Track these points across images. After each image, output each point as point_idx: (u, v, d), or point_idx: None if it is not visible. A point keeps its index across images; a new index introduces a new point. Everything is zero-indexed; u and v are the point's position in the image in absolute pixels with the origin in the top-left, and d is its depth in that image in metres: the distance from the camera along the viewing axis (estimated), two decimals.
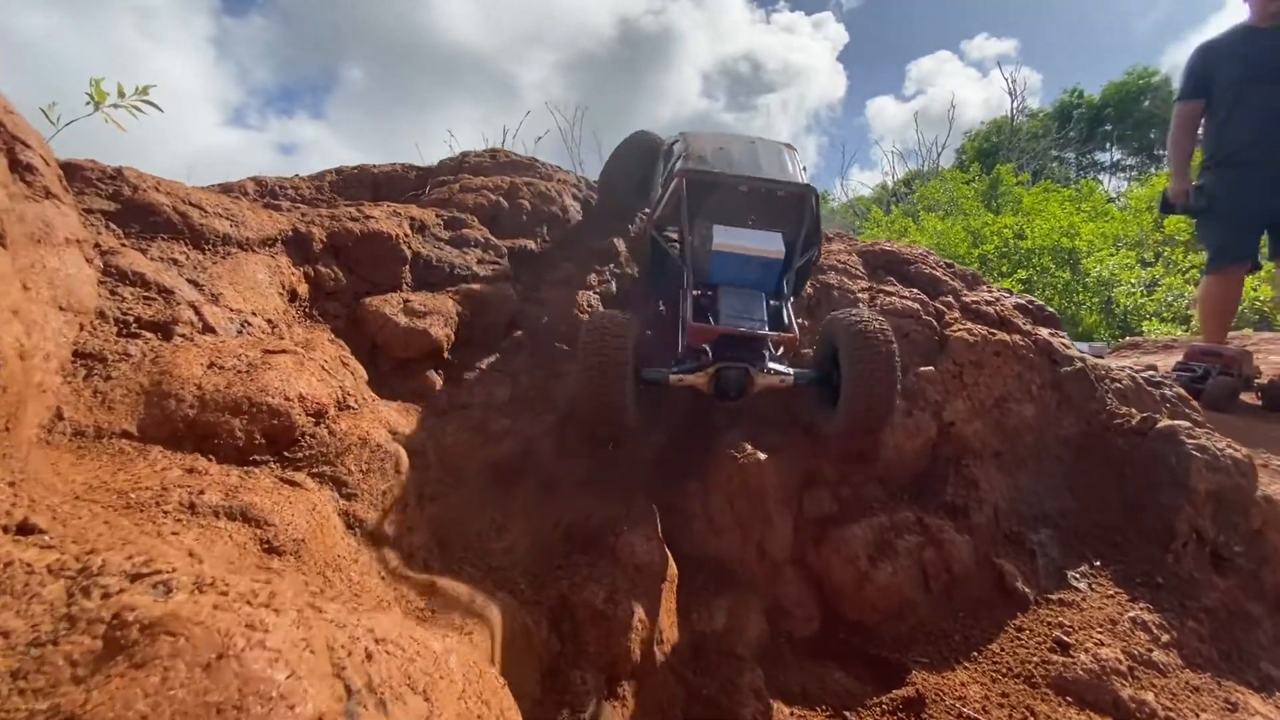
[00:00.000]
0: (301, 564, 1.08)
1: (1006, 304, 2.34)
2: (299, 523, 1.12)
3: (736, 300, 1.91)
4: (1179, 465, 1.88)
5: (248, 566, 0.99)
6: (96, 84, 2.17)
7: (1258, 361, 5.54)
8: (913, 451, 1.99)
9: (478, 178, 2.72)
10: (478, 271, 2.24)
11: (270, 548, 1.05)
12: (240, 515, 1.07)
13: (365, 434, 1.43)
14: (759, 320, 1.86)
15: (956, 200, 14.16)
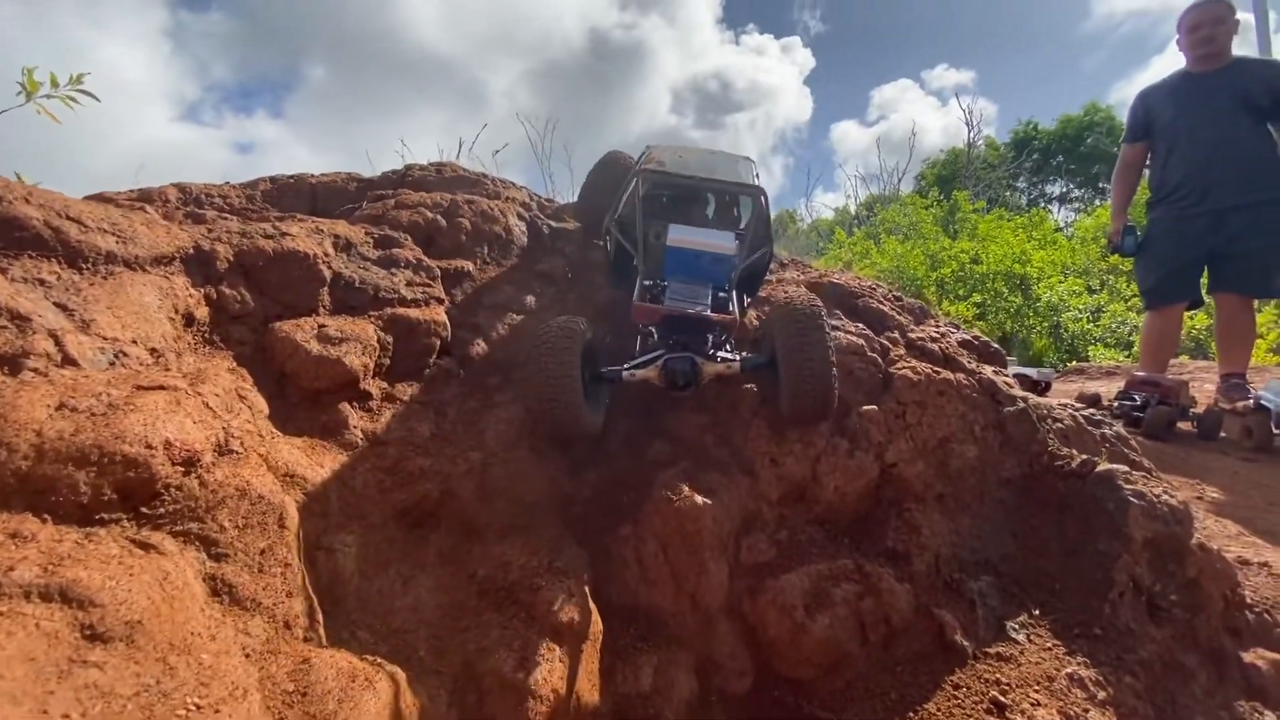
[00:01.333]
0: (135, 651, 0.92)
1: (952, 340, 2.32)
2: (137, 599, 0.97)
3: (683, 287, 2.00)
4: (1117, 511, 1.86)
5: (55, 663, 0.83)
6: (29, 73, 2.02)
7: (1193, 391, 5.76)
8: (854, 493, 1.93)
9: (416, 194, 2.58)
10: (406, 295, 2.10)
11: (93, 634, 0.90)
12: (59, 595, 0.91)
13: (245, 483, 1.28)
14: (703, 304, 1.93)
15: (916, 224, 14.55)
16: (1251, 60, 4.19)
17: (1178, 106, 4.18)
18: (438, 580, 1.56)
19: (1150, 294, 4.58)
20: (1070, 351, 11.60)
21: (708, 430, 2.09)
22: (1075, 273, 12.44)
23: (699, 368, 1.91)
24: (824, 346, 1.78)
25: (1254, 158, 4.01)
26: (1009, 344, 12.47)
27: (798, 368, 1.77)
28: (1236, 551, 2.51)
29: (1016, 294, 12.44)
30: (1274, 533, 3.04)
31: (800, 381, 1.78)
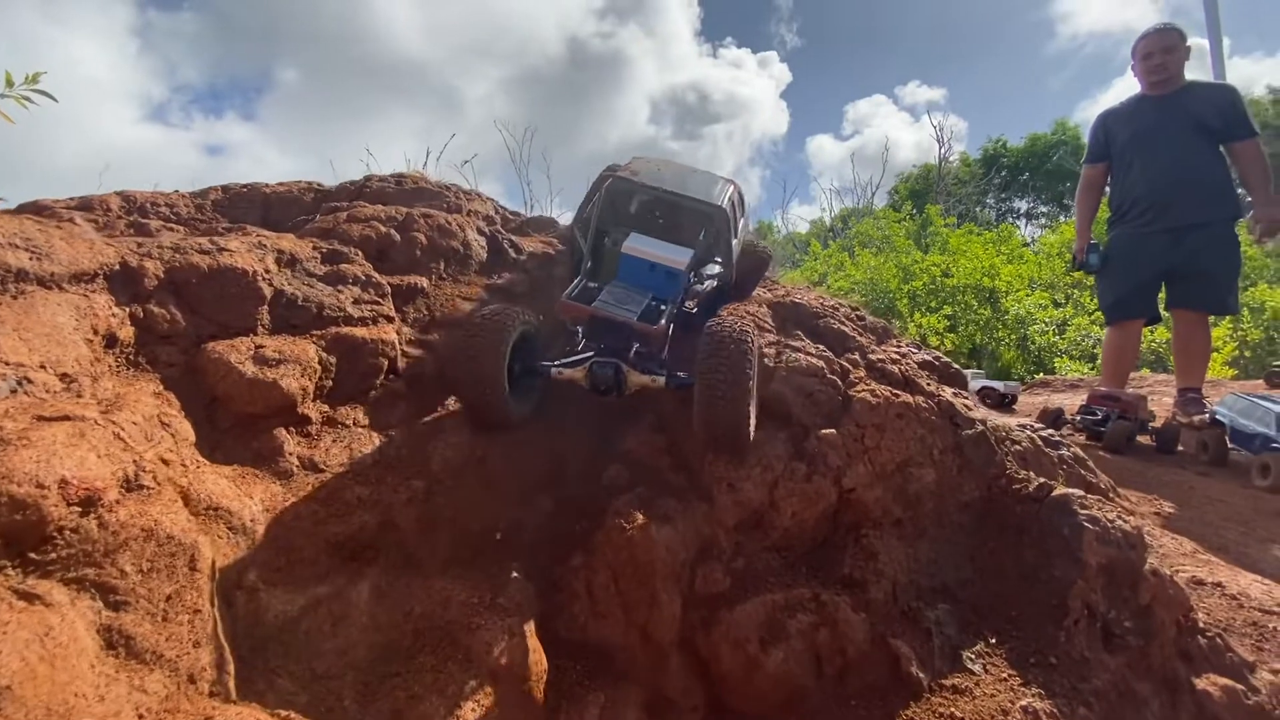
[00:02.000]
0: None
1: (912, 362, 2.31)
2: (7, 660, 0.88)
3: (620, 293, 1.99)
4: (1072, 537, 1.85)
5: None
6: None
7: (1153, 404, 5.90)
8: (812, 519, 1.89)
9: (371, 207, 2.50)
10: (352, 313, 2.02)
11: None
12: None
13: (153, 523, 1.19)
14: (632, 311, 1.92)
15: (889, 238, 14.81)
16: (1203, 84, 4.32)
17: (1135, 129, 4.30)
18: (372, 619, 1.47)
19: (1110, 310, 4.68)
20: (1037, 363, 11.87)
21: (665, 453, 2.04)
22: (1042, 286, 12.76)
23: (624, 375, 1.89)
24: (739, 375, 1.70)
25: (1207, 179, 4.13)
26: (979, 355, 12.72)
27: (709, 396, 1.71)
28: (1191, 571, 2.54)
29: (986, 307, 12.72)
30: (1228, 549, 3.09)
31: (709, 409, 1.72)
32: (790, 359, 2.13)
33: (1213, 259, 4.22)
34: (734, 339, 1.74)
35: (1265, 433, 4.24)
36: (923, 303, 12.88)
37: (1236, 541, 3.19)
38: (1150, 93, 4.27)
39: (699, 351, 1.77)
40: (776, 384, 2.06)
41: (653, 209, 2.22)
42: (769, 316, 2.37)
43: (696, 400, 1.74)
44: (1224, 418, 4.55)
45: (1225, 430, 4.48)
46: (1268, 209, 4.07)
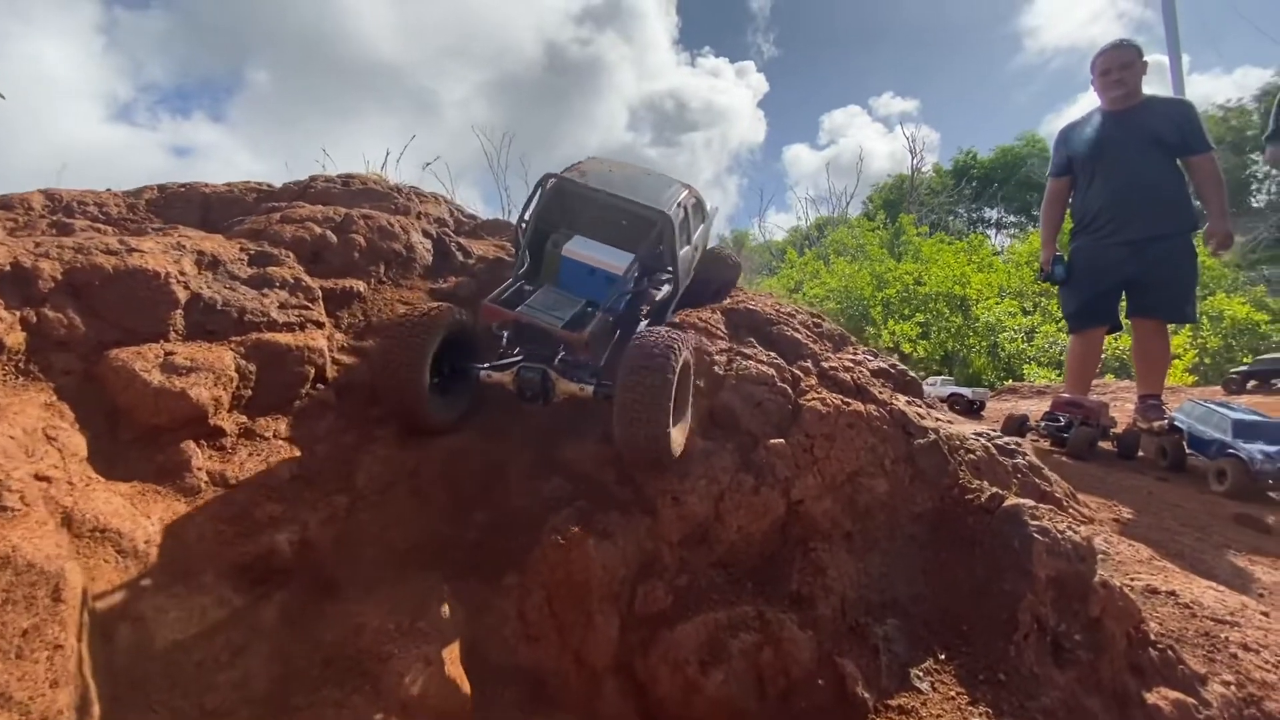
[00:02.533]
0: None
1: (866, 369, 2.27)
2: None
3: (550, 297, 1.93)
4: (1022, 549, 1.81)
5: None
6: None
7: (1115, 410, 5.99)
8: (759, 533, 1.82)
9: (306, 207, 2.39)
10: (277, 318, 1.91)
11: None
12: None
13: (10, 549, 1.07)
14: (557, 317, 1.85)
15: (863, 246, 14.98)
16: (1161, 99, 4.40)
17: (1095, 143, 4.37)
18: (276, 648, 1.36)
19: (1073, 319, 4.73)
20: (1007, 370, 12.06)
21: (611, 464, 1.95)
22: (1011, 295, 12.98)
23: (551, 382, 1.85)
24: (659, 392, 1.63)
25: (1165, 192, 4.21)
26: (951, 362, 12.89)
27: (627, 411, 1.65)
28: (1146, 579, 2.52)
29: (957, 314, 12.90)
30: (1184, 555, 3.10)
31: (626, 424, 1.66)
32: (740, 367, 2.07)
33: (1170, 269, 4.29)
34: (658, 353, 1.67)
35: (1221, 439, 4.30)
36: (896, 310, 13.03)
37: (1192, 547, 3.21)
38: (1109, 108, 4.34)
39: (621, 365, 1.71)
40: (725, 393, 2.00)
41: (600, 212, 2.15)
42: (721, 323, 2.31)
43: (615, 414, 1.69)
44: (1182, 424, 4.62)
45: (1184, 436, 4.55)
46: (1222, 223, 4.16)
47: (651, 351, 1.67)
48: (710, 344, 2.17)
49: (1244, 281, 13.66)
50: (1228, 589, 2.62)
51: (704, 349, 2.15)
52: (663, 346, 1.69)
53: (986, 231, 22.99)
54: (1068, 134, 4.55)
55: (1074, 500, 3.43)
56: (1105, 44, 4.34)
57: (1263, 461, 3.94)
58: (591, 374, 1.92)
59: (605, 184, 2.15)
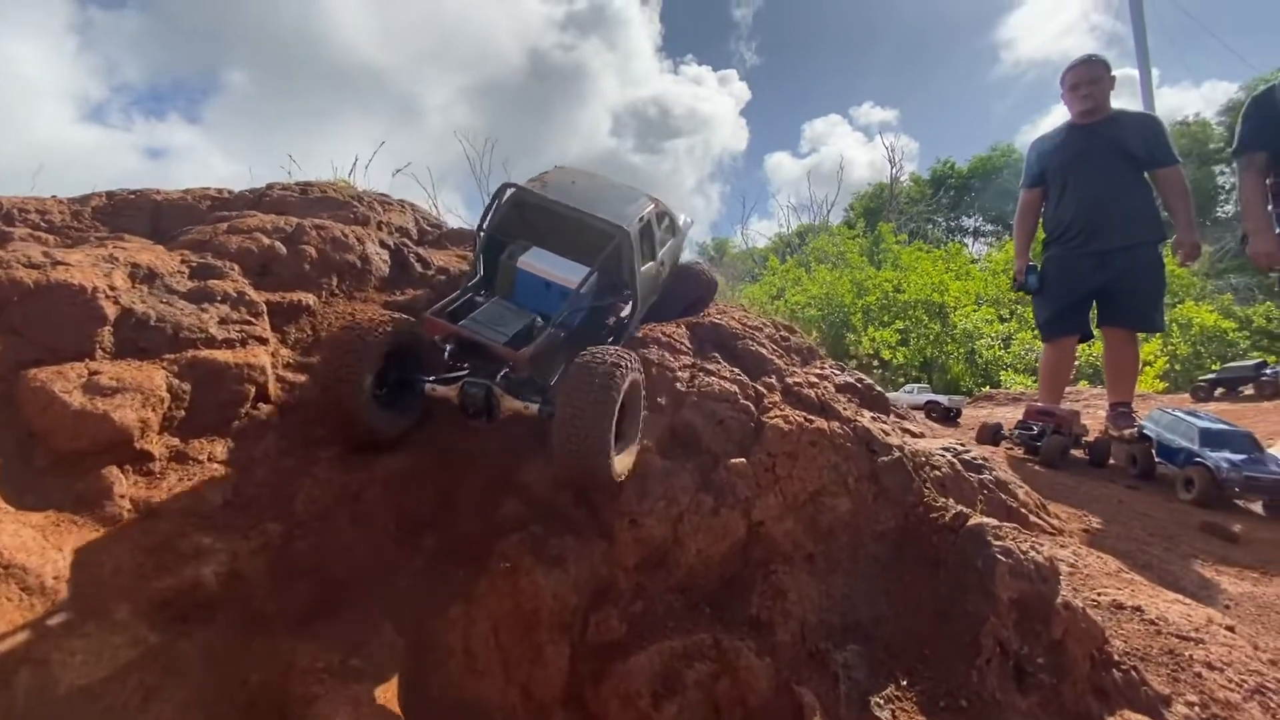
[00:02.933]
0: None
1: (831, 385, 2.23)
2: None
3: (495, 312, 1.89)
4: (985, 569, 1.77)
5: None
6: None
7: (1087, 418, 6.05)
8: (719, 556, 1.77)
9: (256, 216, 2.30)
10: (215, 334, 1.82)
11: None
12: None
13: None
14: (501, 333, 1.81)
15: (843, 254, 15.09)
16: (1129, 114, 4.47)
17: (1065, 156, 4.44)
18: (195, 690, 1.27)
19: (1045, 327, 4.79)
20: (984, 376, 12.20)
21: (565, 486, 1.89)
22: (988, 302, 13.15)
23: (496, 399, 1.79)
24: (599, 412, 1.58)
25: (1133, 204, 4.28)
26: (930, 368, 13.01)
27: (563, 428, 1.60)
28: (1113, 594, 2.51)
29: (936, 321, 13.04)
30: (1152, 566, 3.10)
31: (563, 442, 1.60)
32: (703, 383, 2.02)
33: (1139, 279, 4.36)
34: (601, 372, 1.61)
35: (1189, 447, 4.35)
36: (876, 317, 13.13)
37: (1160, 558, 3.22)
38: (1079, 121, 4.41)
39: (563, 384, 1.66)
40: (687, 410, 1.95)
41: (559, 225, 2.10)
42: (686, 338, 2.26)
43: (553, 434, 1.62)
44: (1151, 432, 4.66)
45: (1152, 444, 4.59)
46: (1189, 234, 4.24)
47: (595, 370, 1.61)
48: (673, 359, 2.12)
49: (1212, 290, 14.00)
50: (1194, 601, 2.62)
51: (666, 365, 2.10)
52: (608, 365, 1.63)
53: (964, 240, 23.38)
54: (1040, 146, 4.62)
55: (1044, 511, 3.42)
56: (1074, 59, 4.41)
57: (1228, 470, 3.98)
58: (538, 391, 1.87)
59: (565, 196, 2.09)
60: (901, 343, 12.72)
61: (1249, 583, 3.05)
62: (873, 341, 12.65)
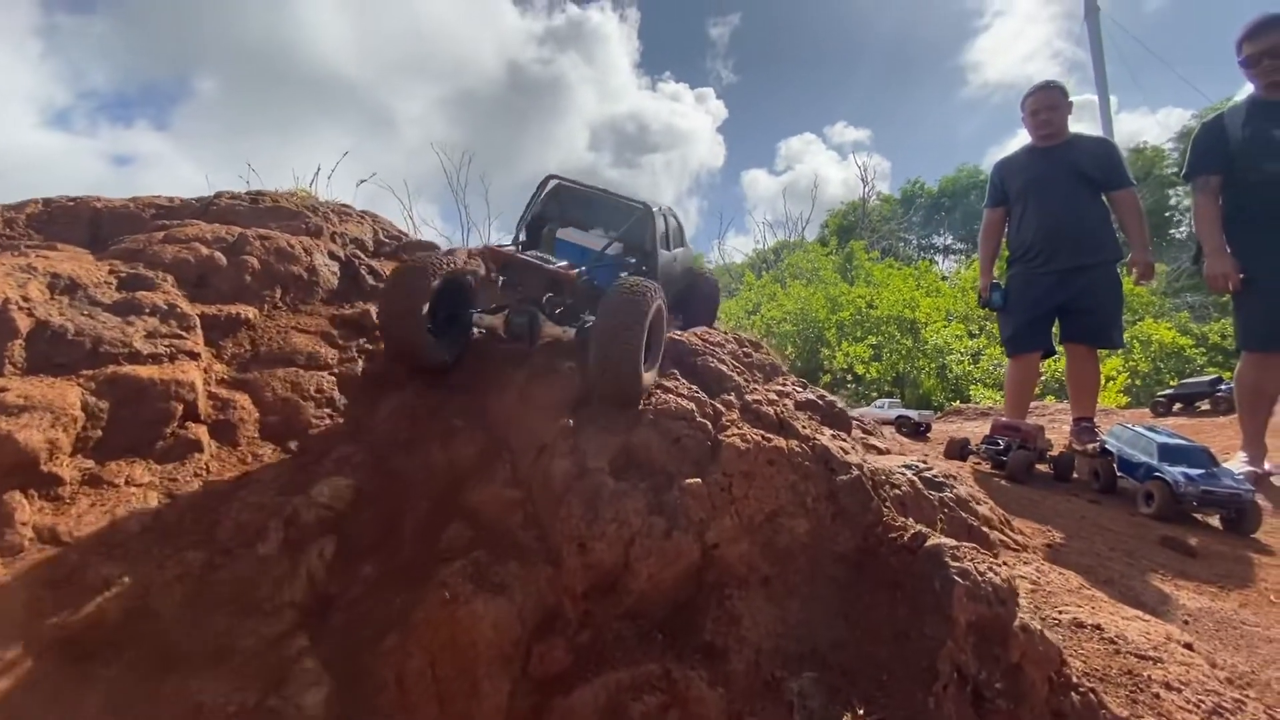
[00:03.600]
0: None
1: (791, 402, 2.20)
2: None
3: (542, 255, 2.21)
4: (943, 591, 1.74)
5: None
6: None
7: (1052, 432, 6.15)
8: (671, 580, 1.70)
9: (196, 225, 2.20)
10: (141, 348, 1.71)
11: None
12: None
13: None
14: (550, 262, 2.13)
15: (818, 270, 15.29)
16: (1086, 137, 4.62)
17: (1026, 178, 4.57)
18: None
19: (1009, 343, 4.88)
20: (955, 391, 12.38)
21: (518, 507, 1.82)
22: (958, 318, 13.40)
23: (539, 324, 2.08)
24: (631, 327, 1.82)
25: (1090, 225, 4.42)
26: (902, 383, 13.17)
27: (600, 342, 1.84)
28: (1073, 612, 2.50)
29: (908, 337, 13.23)
30: (1113, 582, 3.12)
31: (600, 349, 1.83)
32: (660, 401, 1.97)
33: (1097, 298, 4.48)
34: (633, 296, 1.88)
35: (1148, 462, 4.42)
36: (849, 332, 13.28)
37: (1122, 573, 3.24)
38: (1039, 144, 4.55)
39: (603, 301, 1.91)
40: (642, 429, 1.89)
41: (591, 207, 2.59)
42: None
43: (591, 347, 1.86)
44: (1112, 447, 4.74)
45: (1114, 459, 4.67)
46: (1143, 254, 4.38)
47: (630, 291, 1.89)
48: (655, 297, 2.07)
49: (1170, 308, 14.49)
50: (1153, 618, 2.63)
51: None
52: (641, 289, 1.91)
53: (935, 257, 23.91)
54: (1002, 168, 4.76)
55: (1008, 527, 3.43)
56: (1034, 85, 4.55)
57: (1186, 484, 4.05)
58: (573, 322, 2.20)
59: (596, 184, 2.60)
60: (875, 358, 12.87)
61: (1206, 597, 3.08)
62: (846, 356, 12.78)
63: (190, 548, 1.47)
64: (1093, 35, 16.55)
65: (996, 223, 4.83)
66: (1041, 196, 4.47)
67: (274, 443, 1.83)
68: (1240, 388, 4.31)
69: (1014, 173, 4.64)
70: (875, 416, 6.93)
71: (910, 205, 23.03)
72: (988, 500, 3.80)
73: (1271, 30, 3.94)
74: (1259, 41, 3.89)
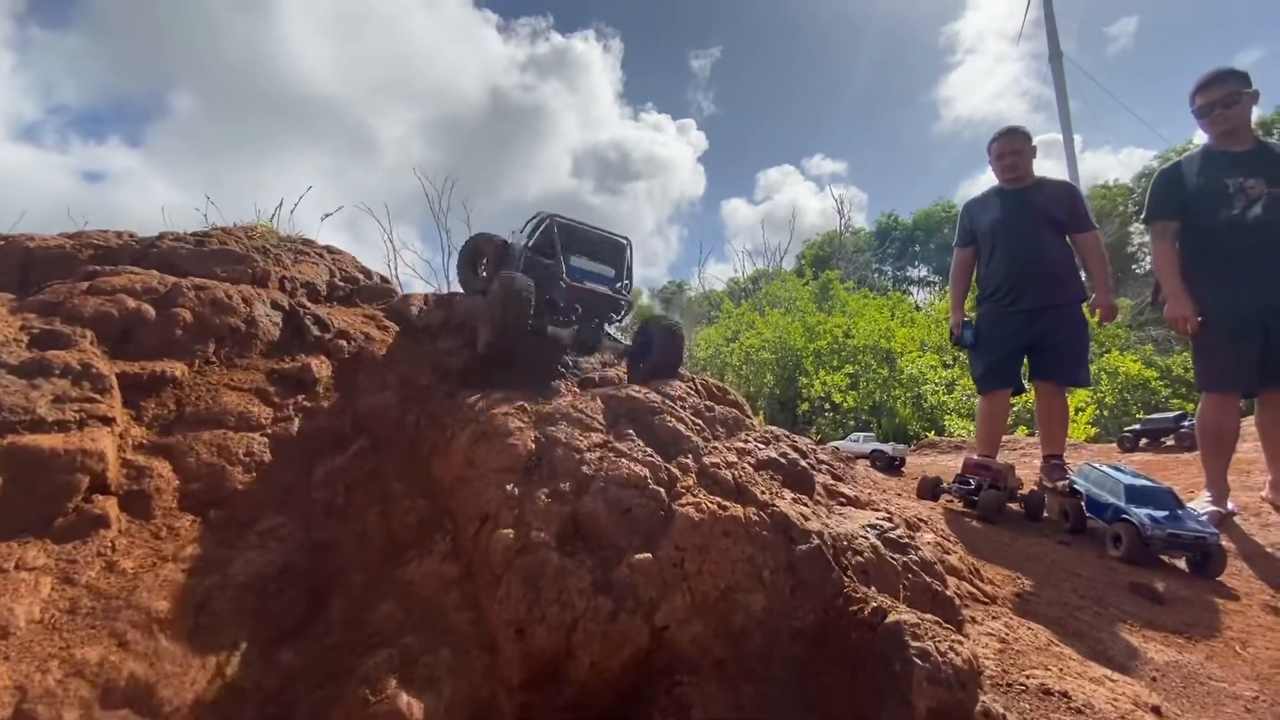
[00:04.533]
0: None
1: (751, 463, 2.13)
2: None
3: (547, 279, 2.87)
4: (903, 674, 1.66)
5: None
6: None
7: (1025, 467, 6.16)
8: (617, 667, 1.60)
9: (126, 274, 2.08)
10: (45, 415, 1.59)
11: None
12: None
13: None
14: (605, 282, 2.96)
15: (795, 300, 15.44)
16: (1052, 181, 4.74)
17: (994, 219, 4.68)
18: None
19: (980, 381, 4.94)
20: (930, 420, 12.48)
21: (454, 585, 1.70)
22: (932, 349, 13.57)
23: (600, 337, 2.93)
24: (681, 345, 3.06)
25: (1056, 266, 4.54)
26: (879, 412, 13.24)
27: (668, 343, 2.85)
28: (1040, 677, 2.43)
29: (884, 366, 13.35)
30: (1082, 635, 3.07)
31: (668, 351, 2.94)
32: (611, 466, 1.88)
33: (1063, 336, 4.57)
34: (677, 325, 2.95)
35: (1116, 504, 4.42)
36: (826, 361, 13.37)
37: (1090, 624, 3.19)
38: (1005, 187, 4.66)
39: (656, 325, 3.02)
40: (590, 498, 1.80)
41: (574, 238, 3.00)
42: (600, 413, 2.12)
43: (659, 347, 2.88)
44: (1081, 487, 4.75)
45: (1082, 498, 4.67)
46: (1105, 296, 4.50)
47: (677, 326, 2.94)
48: (582, 438, 1.98)
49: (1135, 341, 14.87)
50: (1122, 677, 2.57)
51: (574, 444, 1.95)
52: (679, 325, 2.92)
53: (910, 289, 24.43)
54: (971, 208, 4.86)
55: (978, 577, 3.38)
56: (999, 130, 4.69)
57: (1152, 527, 4.05)
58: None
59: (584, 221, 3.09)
60: (852, 386, 12.94)
61: (1174, 649, 3.04)
62: (824, 385, 12.84)
63: (82, 644, 1.34)
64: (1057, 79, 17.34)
65: (966, 262, 4.91)
66: (1009, 237, 4.57)
67: (194, 513, 1.69)
68: (1201, 428, 4.37)
69: (982, 213, 4.75)
70: (850, 450, 6.89)
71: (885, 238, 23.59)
72: (957, 548, 3.76)
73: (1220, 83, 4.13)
74: (1209, 93, 4.06)
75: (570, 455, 1.90)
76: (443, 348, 2.48)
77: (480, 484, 1.80)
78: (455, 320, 2.64)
